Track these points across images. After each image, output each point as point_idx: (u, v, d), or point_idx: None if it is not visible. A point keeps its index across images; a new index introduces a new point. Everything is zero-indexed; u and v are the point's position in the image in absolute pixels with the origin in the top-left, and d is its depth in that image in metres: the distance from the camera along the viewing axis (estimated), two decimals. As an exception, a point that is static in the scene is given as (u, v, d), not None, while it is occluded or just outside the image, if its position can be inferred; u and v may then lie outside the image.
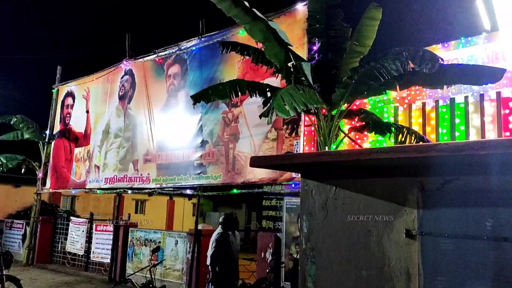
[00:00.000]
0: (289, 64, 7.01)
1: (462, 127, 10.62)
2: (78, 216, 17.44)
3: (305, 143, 9.24)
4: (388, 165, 3.63)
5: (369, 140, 11.24)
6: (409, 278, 3.41)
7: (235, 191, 10.40)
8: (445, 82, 6.52)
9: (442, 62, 5.72)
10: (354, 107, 10.53)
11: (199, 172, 10.75)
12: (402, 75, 6.22)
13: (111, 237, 12.78)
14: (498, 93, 10.37)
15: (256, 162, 4.43)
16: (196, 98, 7.32)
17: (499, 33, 10.28)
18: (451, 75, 6.30)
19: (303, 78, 6.92)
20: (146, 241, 11.82)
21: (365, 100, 11.75)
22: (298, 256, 7.76)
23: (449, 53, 11.43)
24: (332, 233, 4.11)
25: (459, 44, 11.28)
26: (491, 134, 10.72)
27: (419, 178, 3.57)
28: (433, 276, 3.34)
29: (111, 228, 13.00)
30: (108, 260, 12.70)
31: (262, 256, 8.99)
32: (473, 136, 10.67)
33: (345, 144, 9.35)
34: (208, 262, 7.37)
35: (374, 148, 3.45)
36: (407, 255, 3.53)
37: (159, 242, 11.29)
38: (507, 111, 9.79)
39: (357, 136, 9.74)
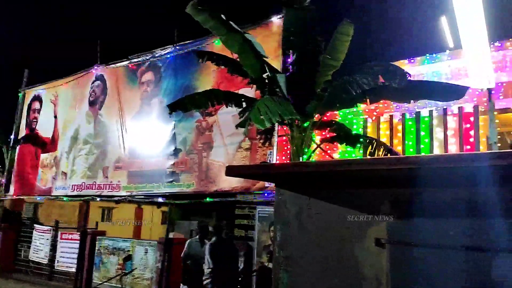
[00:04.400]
0: (264, 75, 7.15)
1: (427, 140, 11.04)
2: (41, 224, 16.98)
3: (277, 152, 9.39)
4: (362, 176, 3.77)
5: (339, 151, 11.52)
6: (378, 286, 3.54)
7: (208, 199, 10.42)
8: (412, 97, 6.80)
9: (409, 78, 5.98)
10: (325, 118, 10.79)
11: (171, 180, 10.71)
12: (372, 89, 6.45)
13: (77, 245, 12.50)
14: (460, 108, 10.84)
15: (232, 171, 4.50)
16: (172, 107, 7.36)
17: (462, 51, 10.78)
18: (418, 91, 6.59)
19: (277, 90, 7.07)
20: (115, 250, 11.62)
21: (336, 112, 12.05)
22: (269, 265, 7.85)
23: (415, 69, 11.87)
24: (306, 242, 4.21)
25: (424, 60, 11.74)
26: (453, 147, 11.18)
27: (390, 189, 3.72)
28: (401, 285, 3.49)
29: (77, 236, 12.72)
30: (74, 269, 12.40)
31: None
32: (436, 149, 11.09)
33: (315, 155, 9.55)
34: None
35: (349, 160, 3.58)
36: (377, 264, 3.66)
37: (128, 250, 11.14)
38: (468, 125, 10.24)
39: (327, 147, 9.96)
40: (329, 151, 11.31)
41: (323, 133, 8.88)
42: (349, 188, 3.90)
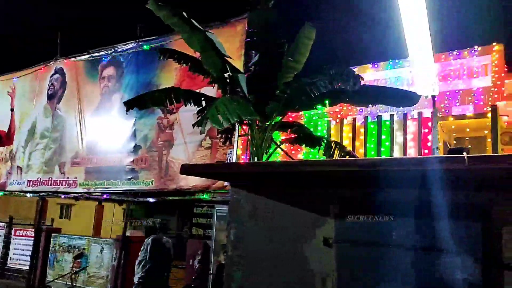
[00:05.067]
0: (226, 75, 7.17)
1: (387, 143, 11.40)
2: (-5, 220, 16.36)
3: (241, 152, 9.44)
4: (312, 177, 3.87)
5: (303, 152, 11.70)
6: (325, 283, 3.66)
7: (167, 198, 10.35)
8: (368, 101, 6.99)
9: (363, 82, 6.15)
10: (290, 119, 10.94)
11: (130, 177, 10.58)
12: (330, 92, 6.58)
13: (32, 242, 12.15)
14: (420, 113, 11.26)
15: (187, 169, 4.52)
16: (129, 105, 7.27)
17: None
18: (374, 96, 6.79)
19: (238, 89, 7.10)
20: (70, 248, 11.37)
21: (301, 113, 12.25)
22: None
23: (379, 73, 12.25)
24: (259, 241, 4.28)
25: (387, 65, 12.11)
26: (412, 150, 11.59)
27: (339, 190, 3.85)
28: (346, 281, 3.62)
29: (32, 233, 12.36)
30: (28, 267, 12.05)
31: (191, 263, 9.02)
32: (396, 152, 11.48)
33: (280, 155, 9.66)
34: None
35: (299, 161, 3.68)
36: (325, 262, 3.78)
37: (84, 248, 10.92)
38: (426, 130, 10.64)
39: (292, 147, 10.10)
40: (293, 152, 11.49)
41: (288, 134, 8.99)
42: (300, 188, 4.01)
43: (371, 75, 12.20)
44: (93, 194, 11.95)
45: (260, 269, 4.23)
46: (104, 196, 11.50)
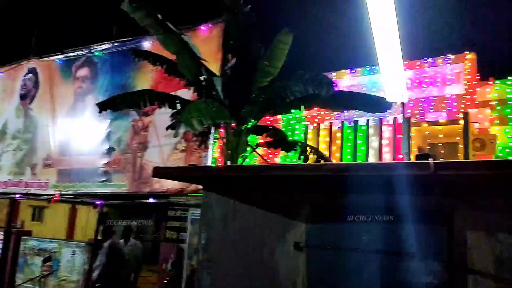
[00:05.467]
0: (201, 78, 7.16)
1: (363, 148, 11.54)
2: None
3: (218, 155, 9.41)
4: (284, 181, 3.88)
5: (281, 156, 11.74)
6: (295, 287, 3.66)
7: (142, 201, 10.23)
8: (342, 106, 7.08)
9: (341, 88, 6.22)
10: (268, 123, 10.96)
11: (103, 179, 10.43)
12: (305, 97, 6.63)
13: (0, 246, 11.83)
14: (395, 119, 11.44)
15: (159, 172, 4.47)
16: (103, 106, 7.17)
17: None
18: (347, 101, 6.87)
19: (214, 93, 7.09)
20: (40, 251, 11.10)
21: (279, 117, 12.31)
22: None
23: (356, 79, 12.40)
24: (229, 245, 4.25)
25: (364, 71, 12.27)
26: (388, 155, 11.75)
27: (310, 194, 3.86)
28: (315, 285, 3.62)
29: (1, 236, 12.03)
30: (-4, 271, 11.73)
31: (164, 267, 8.93)
32: (372, 157, 11.62)
33: (258, 159, 9.66)
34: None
35: (269, 165, 3.68)
36: (295, 266, 3.78)
37: (55, 252, 10.68)
38: (401, 135, 10.82)
39: (269, 151, 10.11)
40: (271, 156, 11.52)
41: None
42: (271, 192, 4.00)
43: (348, 80, 12.34)
44: (65, 196, 11.73)
45: (230, 273, 4.20)
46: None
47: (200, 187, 8.50)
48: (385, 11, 3.19)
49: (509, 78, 10.57)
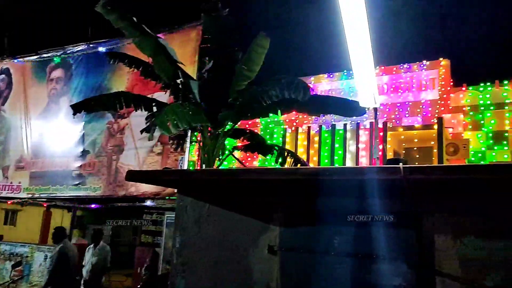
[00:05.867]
0: (178, 81, 7.11)
1: (340, 152, 11.67)
2: None
3: (196, 158, 9.36)
4: (258, 185, 3.89)
5: (259, 159, 11.75)
6: (268, 291, 3.67)
7: (114, 205, 10.12)
8: (319, 110, 7.14)
9: (314, 92, 6.28)
10: (247, 126, 10.96)
11: (77, 183, 10.26)
12: (282, 101, 6.66)
13: (-30, 250, 11.49)
14: (371, 123, 11.57)
15: (132, 176, 4.42)
16: (77, 108, 7.06)
17: (375, 70, 11.56)
18: (323, 105, 6.94)
19: (191, 96, 7.06)
20: (11, 256, 10.82)
21: (258, 120, 12.33)
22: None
23: (334, 83, 12.54)
24: (203, 249, 4.24)
25: (342, 76, 12.42)
26: (364, 159, 11.90)
27: (284, 198, 3.88)
28: (288, 288, 3.64)
29: (-29, 240, 11.70)
30: (-35, 276, 11.38)
31: (139, 271, 8.83)
32: (349, 161, 11.75)
33: (235, 162, 9.64)
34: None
35: (244, 169, 3.69)
36: (268, 269, 3.80)
37: (27, 256, 10.43)
38: (377, 140, 10.97)
39: (248, 154, 10.10)
40: (249, 159, 11.52)
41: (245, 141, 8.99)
42: (246, 195, 4.01)
43: (326, 84, 12.48)
44: (38, 200, 11.50)
45: (205, 277, 4.19)
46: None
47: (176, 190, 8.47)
48: (357, 18, 3.24)
49: (481, 84, 10.84)
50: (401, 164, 2.86)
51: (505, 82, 10.47)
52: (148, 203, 9.24)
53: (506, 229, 2.79)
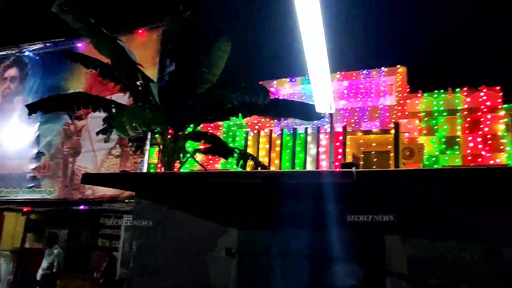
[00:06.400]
0: (138, 83, 7.03)
1: (301, 155, 11.81)
2: None
3: (157, 161, 9.24)
4: (217, 188, 3.92)
5: (221, 162, 11.73)
6: (225, 294, 3.69)
7: (75, 207, 9.85)
8: (278, 114, 7.23)
9: (276, 96, 6.36)
10: (209, 128, 10.92)
11: (31, 185, 9.95)
12: (242, 105, 6.71)
13: None
14: (331, 126, 11.75)
15: (89, 179, 4.35)
16: (33, 108, 6.85)
17: (335, 75, 11.82)
18: (283, 109, 7.03)
19: (151, 98, 6.99)
20: (-39, 261, 10.35)
21: (220, 123, 12.31)
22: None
23: (296, 87, 12.68)
24: (162, 252, 4.22)
25: (304, 80, 12.58)
26: (324, 163, 12.10)
27: (243, 200, 3.92)
28: (245, 290, 3.68)
29: None
30: None
31: (96, 275, 8.65)
32: (309, 164, 11.92)
33: (196, 165, 9.58)
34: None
35: (201, 172, 3.70)
36: (226, 272, 3.82)
37: (-23, 262, 10.02)
38: (337, 143, 11.19)
39: (210, 157, 10.06)
40: (211, 162, 11.48)
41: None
42: (204, 198, 4.02)
43: (288, 88, 12.61)
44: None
45: (163, 281, 4.16)
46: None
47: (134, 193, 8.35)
48: (312, 28, 3.33)
49: (435, 91, 11.24)
50: (354, 168, 2.97)
51: (457, 89, 10.92)
52: (106, 206, 9.05)
53: (450, 231, 2.93)
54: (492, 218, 2.80)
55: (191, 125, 7.59)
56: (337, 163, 11.25)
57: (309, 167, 11.75)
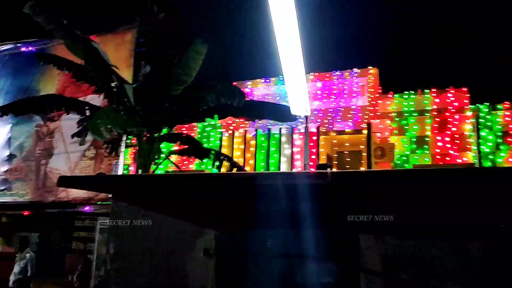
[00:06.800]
0: (112, 84, 6.98)
1: (276, 155, 11.91)
2: None
3: (131, 162, 9.17)
4: (194, 190, 3.96)
5: (196, 162, 11.70)
6: (203, 294, 3.74)
7: (48, 210, 9.67)
8: (253, 116, 7.30)
9: (251, 97, 6.43)
10: (184, 129, 10.90)
11: (3, 188, 9.73)
12: (218, 106, 6.75)
13: None
14: (306, 128, 11.86)
15: (65, 182, 4.32)
16: (4, 110, 6.71)
17: (309, 76, 11.99)
18: (258, 111, 7.11)
19: (126, 100, 6.95)
20: None
21: (195, 124, 12.27)
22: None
23: (271, 88, 12.77)
24: (139, 254, 4.23)
25: (278, 81, 12.68)
26: (298, 163, 12.23)
27: (220, 202, 3.98)
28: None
29: None
30: None
31: (70, 279, 8.53)
32: (284, 164, 12.03)
33: (172, 166, 9.53)
34: None
35: (178, 175, 3.74)
36: (204, 272, 3.87)
37: None
38: (311, 144, 11.35)
39: (184, 158, 10.04)
40: (186, 162, 11.44)
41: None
42: (181, 200, 4.06)
43: (263, 89, 12.69)
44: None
45: (140, 282, 4.18)
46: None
47: (110, 195, 8.28)
48: (288, 29, 3.41)
49: (406, 92, 11.53)
50: (328, 169, 3.07)
51: (426, 90, 11.24)
52: (80, 208, 8.94)
53: (419, 230, 3.07)
54: (458, 216, 2.95)
55: (166, 127, 7.58)
56: (311, 163, 11.42)
57: (284, 167, 11.87)
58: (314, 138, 11.20)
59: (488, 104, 10.44)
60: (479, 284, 2.85)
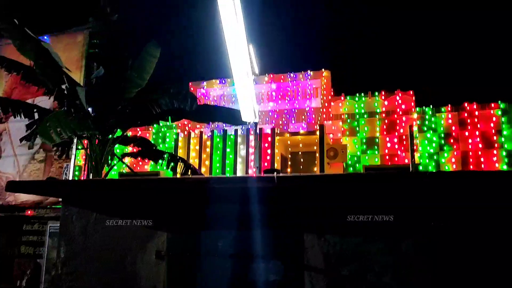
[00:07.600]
0: (63, 87, 6.87)
1: (232, 156, 12.02)
2: None
3: (83, 163, 9.02)
4: (146, 193, 4.01)
5: (150, 163, 11.62)
6: (155, 296, 3.81)
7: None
8: (206, 119, 7.40)
9: (201, 103, 6.53)
10: (138, 129, 10.80)
11: None
12: (171, 109, 6.80)
13: None
14: (261, 130, 12.06)
15: (14, 187, 4.27)
16: None
17: (264, 77, 12.20)
18: (211, 114, 7.22)
19: (77, 102, 6.86)
20: None
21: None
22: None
23: (226, 89, 12.89)
24: (91, 258, 4.24)
25: (233, 82, 12.77)
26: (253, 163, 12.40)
27: (172, 204, 4.06)
28: (175, 291, 3.83)
29: None
30: None
31: (18, 284, 8.30)
32: (239, 165, 12.18)
33: (125, 168, 9.45)
34: None
35: (130, 179, 3.80)
36: (156, 274, 3.94)
37: None
38: (266, 144, 11.56)
39: (139, 159, 9.96)
40: (140, 163, 11.34)
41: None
42: (133, 203, 4.11)
43: (218, 90, 12.78)
44: None
45: (91, 286, 4.19)
46: None
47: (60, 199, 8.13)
48: (235, 35, 3.53)
49: (357, 95, 11.97)
50: (275, 173, 3.24)
51: (376, 93, 11.72)
52: (29, 212, 8.70)
53: (358, 229, 3.30)
54: (394, 217, 3.21)
55: (120, 130, 7.53)
56: (265, 164, 11.65)
57: (239, 167, 12.00)
58: (269, 139, 11.41)
59: (431, 107, 11.04)
60: (410, 277, 3.12)
